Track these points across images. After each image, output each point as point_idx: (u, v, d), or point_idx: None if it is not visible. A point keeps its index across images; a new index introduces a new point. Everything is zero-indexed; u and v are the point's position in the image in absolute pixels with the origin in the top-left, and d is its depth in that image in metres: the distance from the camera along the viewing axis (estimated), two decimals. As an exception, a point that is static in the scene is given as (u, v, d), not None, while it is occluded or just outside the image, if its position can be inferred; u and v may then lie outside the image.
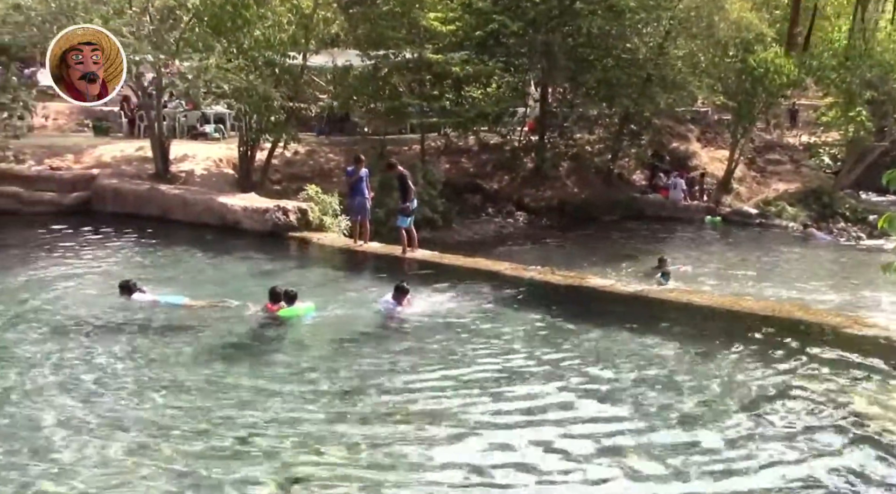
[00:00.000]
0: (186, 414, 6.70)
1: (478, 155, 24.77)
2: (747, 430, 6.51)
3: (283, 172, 20.69)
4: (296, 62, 19.54)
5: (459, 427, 6.53)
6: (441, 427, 6.51)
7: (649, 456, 6.01)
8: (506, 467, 5.85)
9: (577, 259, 17.39)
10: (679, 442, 6.28)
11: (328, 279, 12.28)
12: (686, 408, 6.97)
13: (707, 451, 6.14)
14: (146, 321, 9.50)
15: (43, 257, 13.00)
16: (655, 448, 6.13)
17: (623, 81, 23.17)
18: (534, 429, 6.50)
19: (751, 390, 7.44)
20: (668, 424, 6.64)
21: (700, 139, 29.16)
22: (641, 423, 6.65)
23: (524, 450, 6.12)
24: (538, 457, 6.00)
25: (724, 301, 10.53)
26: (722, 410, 6.94)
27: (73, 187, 17.20)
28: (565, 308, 10.33)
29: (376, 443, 6.17)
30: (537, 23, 22.51)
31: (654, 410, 6.94)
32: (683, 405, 7.03)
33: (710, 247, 20.50)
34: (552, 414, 6.85)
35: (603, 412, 6.95)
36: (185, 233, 14.99)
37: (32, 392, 7.15)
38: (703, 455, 6.06)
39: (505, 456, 6.01)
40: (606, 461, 5.97)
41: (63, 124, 24.15)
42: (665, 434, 6.42)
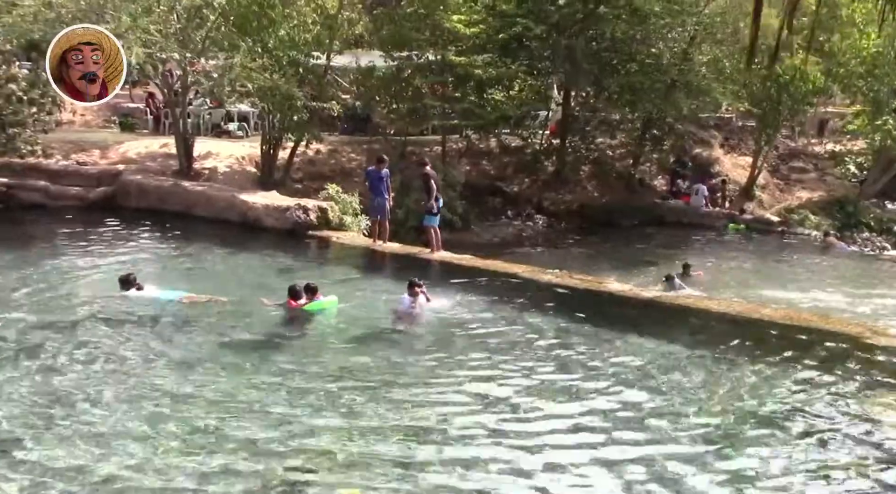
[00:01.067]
0: (197, 411, 6.78)
1: (499, 157, 24.77)
2: (765, 438, 6.48)
3: (305, 171, 20.85)
4: (320, 62, 19.70)
5: (465, 433, 6.54)
6: (446, 433, 6.50)
7: (662, 462, 6.00)
8: (507, 472, 5.87)
9: (596, 264, 17.35)
10: (697, 452, 6.23)
11: (346, 278, 12.35)
12: (703, 416, 6.91)
13: (722, 457, 6.11)
14: (163, 315, 9.62)
15: (66, 249, 13.23)
16: (670, 457, 6.10)
17: (646, 86, 23.06)
18: (546, 435, 6.51)
19: (768, 398, 7.39)
20: (684, 431, 6.60)
21: (723, 146, 28.94)
22: (654, 429, 6.63)
23: (530, 456, 6.14)
24: (546, 463, 6.00)
25: (743, 309, 10.47)
26: (738, 418, 6.88)
27: (98, 181, 17.45)
28: (582, 312, 10.31)
29: (382, 446, 6.20)
30: (561, 26, 22.49)
31: (667, 416, 6.90)
32: (700, 413, 6.98)
33: (730, 254, 20.33)
34: (563, 419, 6.85)
35: (617, 417, 6.91)
36: (206, 229, 15.15)
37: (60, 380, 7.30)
38: (718, 461, 6.04)
39: (510, 461, 6.01)
40: (616, 468, 5.96)
41: (90, 120, 24.53)
42: (682, 443, 6.38)
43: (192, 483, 5.49)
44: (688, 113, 24.46)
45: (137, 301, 9.97)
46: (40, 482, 5.46)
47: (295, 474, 5.66)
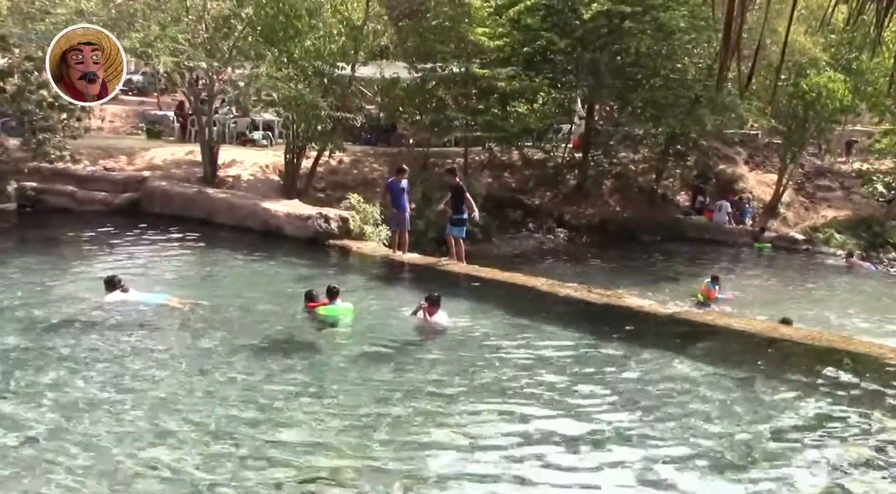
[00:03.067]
0: (207, 414, 6.83)
1: (520, 170, 24.77)
2: (784, 459, 6.38)
3: (328, 181, 20.99)
4: (344, 73, 19.86)
5: (476, 441, 6.54)
6: (458, 447, 6.48)
7: (679, 481, 5.94)
8: (521, 483, 5.84)
9: (616, 278, 17.24)
10: (715, 473, 6.15)
11: (365, 287, 12.40)
12: (721, 436, 6.81)
13: (741, 478, 6.02)
14: (183, 318, 9.73)
15: (91, 253, 13.44)
16: (687, 477, 6.03)
17: (670, 101, 22.98)
18: (557, 450, 6.48)
19: (788, 418, 7.28)
20: (703, 451, 6.51)
21: (748, 162, 28.72)
22: (672, 449, 6.54)
23: (542, 470, 6.11)
24: (566, 481, 5.97)
25: (764, 327, 10.33)
26: (758, 438, 6.79)
27: (124, 187, 17.70)
28: (600, 327, 10.25)
29: (396, 456, 6.21)
30: (585, 41, 22.49)
31: (686, 435, 6.82)
32: (718, 433, 6.88)
33: (752, 272, 20.15)
34: (576, 434, 6.80)
35: (631, 435, 6.83)
36: (228, 236, 15.31)
37: (78, 381, 7.38)
38: (737, 482, 5.95)
39: (525, 474, 5.99)
40: (630, 487, 5.90)
41: (118, 127, 24.91)
42: (699, 464, 6.28)
43: (206, 486, 5.52)
44: (712, 129, 24.30)
45: (123, 304, 9.95)
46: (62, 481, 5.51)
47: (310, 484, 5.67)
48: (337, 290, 10.06)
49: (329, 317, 9.95)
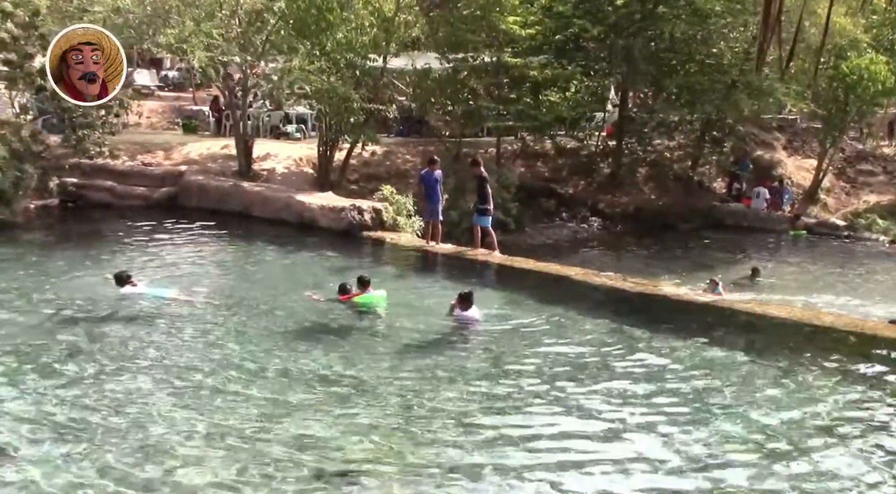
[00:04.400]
0: (241, 404, 6.93)
1: (554, 159, 24.61)
2: (827, 449, 6.28)
3: (361, 173, 21.08)
4: (376, 65, 19.89)
5: (508, 431, 6.54)
6: (498, 436, 6.48)
7: (721, 471, 5.87)
8: (570, 466, 5.84)
9: (651, 267, 17.10)
10: (757, 462, 6.06)
11: (399, 278, 12.46)
12: (762, 425, 6.71)
13: (783, 468, 5.94)
14: (215, 310, 9.90)
15: (130, 248, 13.71)
16: (728, 465, 5.96)
17: (706, 86, 22.64)
18: (591, 440, 6.46)
19: (830, 407, 7.17)
20: (743, 440, 6.43)
21: (786, 148, 28.16)
22: (712, 439, 6.46)
23: (585, 455, 6.10)
24: (601, 470, 5.95)
25: (804, 315, 10.16)
26: (800, 427, 6.70)
27: (162, 182, 17.98)
28: (635, 316, 10.17)
29: (430, 447, 6.24)
30: (618, 27, 22.23)
31: (726, 425, 6.72)
32: (759, 422, 6.77)
33: (792, 259, 19.79)
34: (614, 422, 6.77)
35: (670, 424, 6.77)
36: (263, 229, 15.48)
37: (131, 370, 7.57)
38: (779, 472, 5.87)
39: (567, 469, 5.98)
40: (669, 476, 5.86)
41: (155, 122, 25.28)
42: (740, 453, 6.20)
43: (240, 475, 5.60)
44: (749, 114, 23.89)
45: (134, 297, 10.06)
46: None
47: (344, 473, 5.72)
48: (368, 279, 10.20)
49: (366, 305, 10.08)
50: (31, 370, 7.56)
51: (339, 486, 5.50)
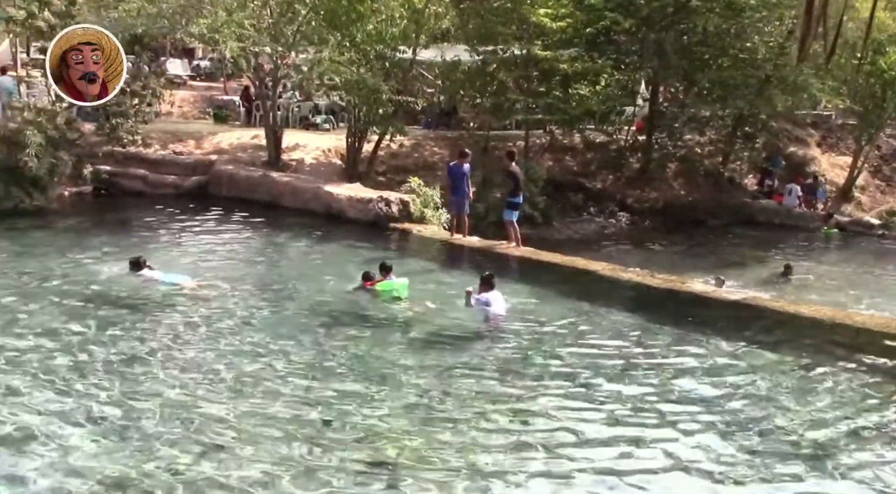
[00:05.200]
0: (268, 395, 7.00)
1: (582, 153, 24.41)
2: (859, 453, 6.20)
3: (389, 164, 21.12)
4: (405, 56, 19.89)
5: (533, 427, 6.54)
6: (517, 427, 6.52)
7: (753, 474, 5.80)
8: (600, 472, 5.82)
9: (680, 264, 16.91)
10: (790, 467, 5.98)
11: (425, 270, 12.47)
12: (794, 429, 6.61)
13: (816, 473, 5.86)
14: (241, 297, 10.00)
15: (162, 235, 13.92)
16: (761, 470, 5.88)
17: (739, 81, 22.30)
18: (616, 439, 6.42)
19: (863, 409, 7.06)
20: (775, 444, 6.33)
21: (820, 144, 27.67)
22: (742, 440, 6.39)
23: (617, 458, 6.09)
24: (630, 467, 5.92)
25: (836, 314, 9.99)
26: (832, 430, 6.60)
27: (193, 171, 18.19)
28: (662, 313, 10.09)
29: (455, 440, 6.25)
30: (651, 20, 21.97)
31: (756, 427, 6.62)
32: (791, 426, 6.67)
33: (824, 257, 19.47)
34: (638, 423, 6.73)
35: (698, 426, 6.69)
36: (291, 219, 15.60)
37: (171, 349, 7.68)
38: (811, 476, 5.81)
39: (591, 466, 5.96)
40: (701, 481, 5.79)
41: (187, 112, 25.53)
42: (773, 457, 6.10)
43: (272, 467, 5.65)
44: (783, 109, 23.51)
45: (150, 282, 10.26)
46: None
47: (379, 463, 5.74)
48: (390, 266, 10.39)
49: (387, 292, 10.22)
50: (66, 355, 7.72)
51: (377, 478, 5.51)
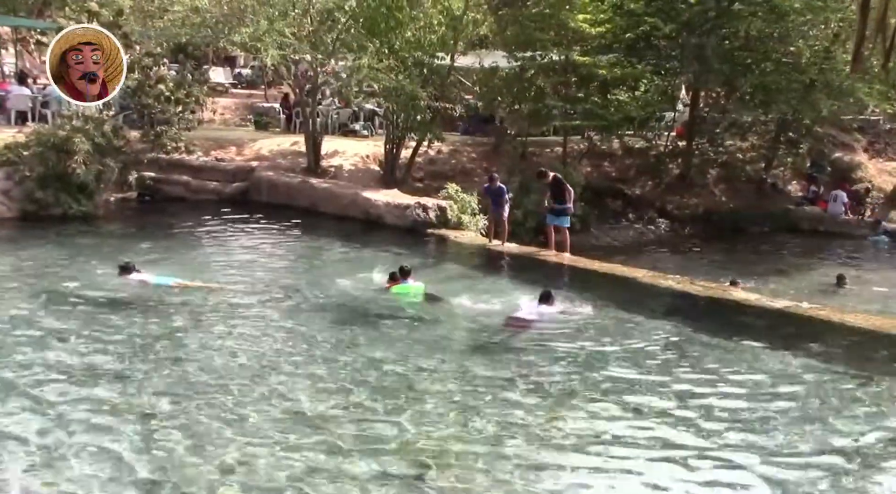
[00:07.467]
0: (301, 398, 7.06)
1: (621, 159, 24.21)
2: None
3: (426, 170, 21.18)
4: (443, 63, 19.96)
5: (572, 435, 6.49)
6: (557, 434, 6.47)
7: (792, 485, 5.67)
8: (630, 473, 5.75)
9: (721, 271, 16.59)
10: (832, 477, 5.84)
11: (462, 276, 12.47)
12: (837, 438, 6.48)
13: (859, 483, 5.72)
14: (276, 300, 10.14)
15: (204, 240, 14.15)
16: (801, 480, 5.76)
17: (782, 86, 21.89)
18: (658, 447, 6.34)
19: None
20: (816, 454, 6.21)
21: (867, 150, 27.03)
22: (786, 452, 6.25)
23: (651, 463, 6.00)
24: (673, 476, 5.84)
25: (885, 324, 9.73)
26: (877, 441, 6.44)
27: (234, 177, 18.47)
28: (704, 321, 9.94)
29: (490, 448, 6.23)
30: (691, 25, 21.72)
31: (799, 438, 6.49)
32: (834, 435, 6.54)
33: (871, 266, 18.98)
34: (678, 432, 6.62)
35: (741, 435, 6.56)
36: (330, 224, 15.74)
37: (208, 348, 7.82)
38: (854, 487, 5.67)
39: (625, 470, 5.90)
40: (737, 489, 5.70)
41: (228, 119, 25.93)
42: (814, 467, 5.98)
43: (300, 473, 5.66)
44: (828, 115, 23.02)
45: (133, 285, 10.29)
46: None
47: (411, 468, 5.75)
48: (409, 269, 10.67)
49: (400, 295, 10.43)
50: (114, 354, 7.89)
51: (409, 486, 5.51)
